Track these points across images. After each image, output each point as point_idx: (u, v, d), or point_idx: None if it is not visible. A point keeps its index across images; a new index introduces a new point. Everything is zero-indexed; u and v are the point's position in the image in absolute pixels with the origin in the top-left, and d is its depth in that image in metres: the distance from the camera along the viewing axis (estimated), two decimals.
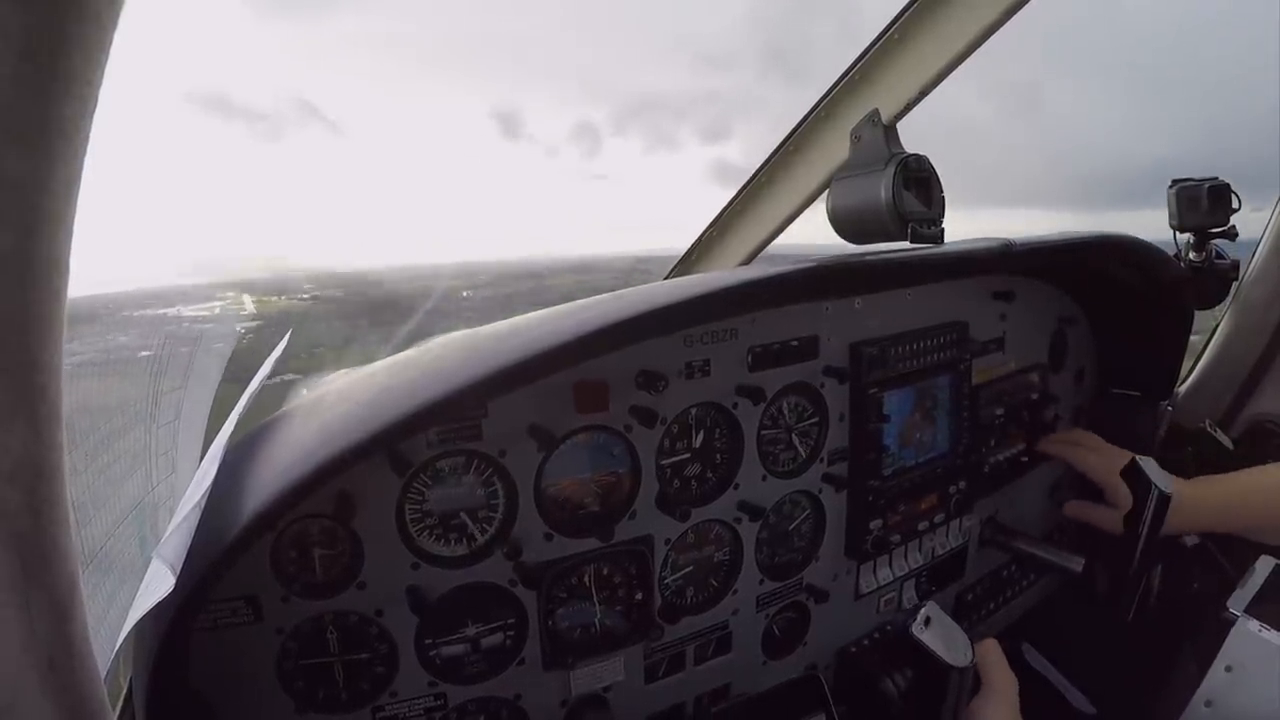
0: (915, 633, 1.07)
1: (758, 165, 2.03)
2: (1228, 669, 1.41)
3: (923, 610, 1.09)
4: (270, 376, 1.20)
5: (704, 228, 2.23)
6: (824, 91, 1.77)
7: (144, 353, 0.96)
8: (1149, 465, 1.57)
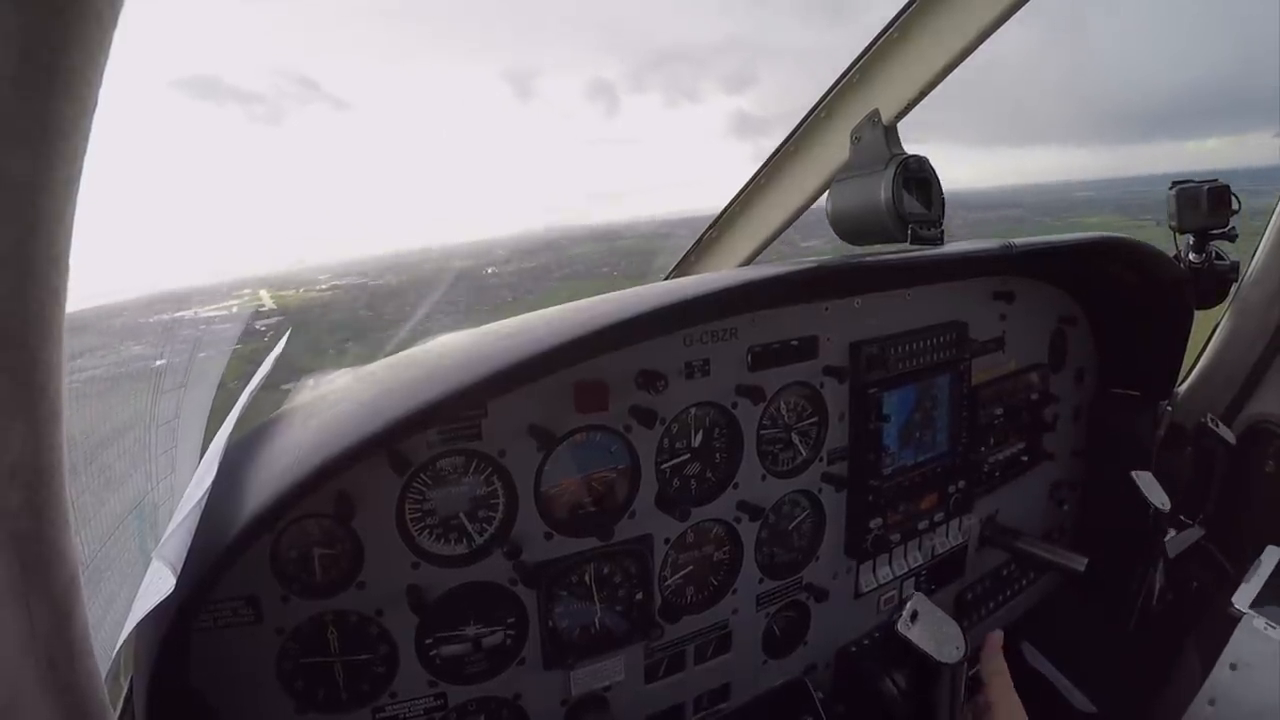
0: (901, 629, 1.01)
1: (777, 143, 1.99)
2: (1233, 667, 1.40)
3: (909, 604, 1.03)
4: (269, 375, 1.20)
5: (704, 228, 2.23)
6: (827, 89, 1.76)
7: (159, 361, 0.94)
8: (1144, 481, 1.56)
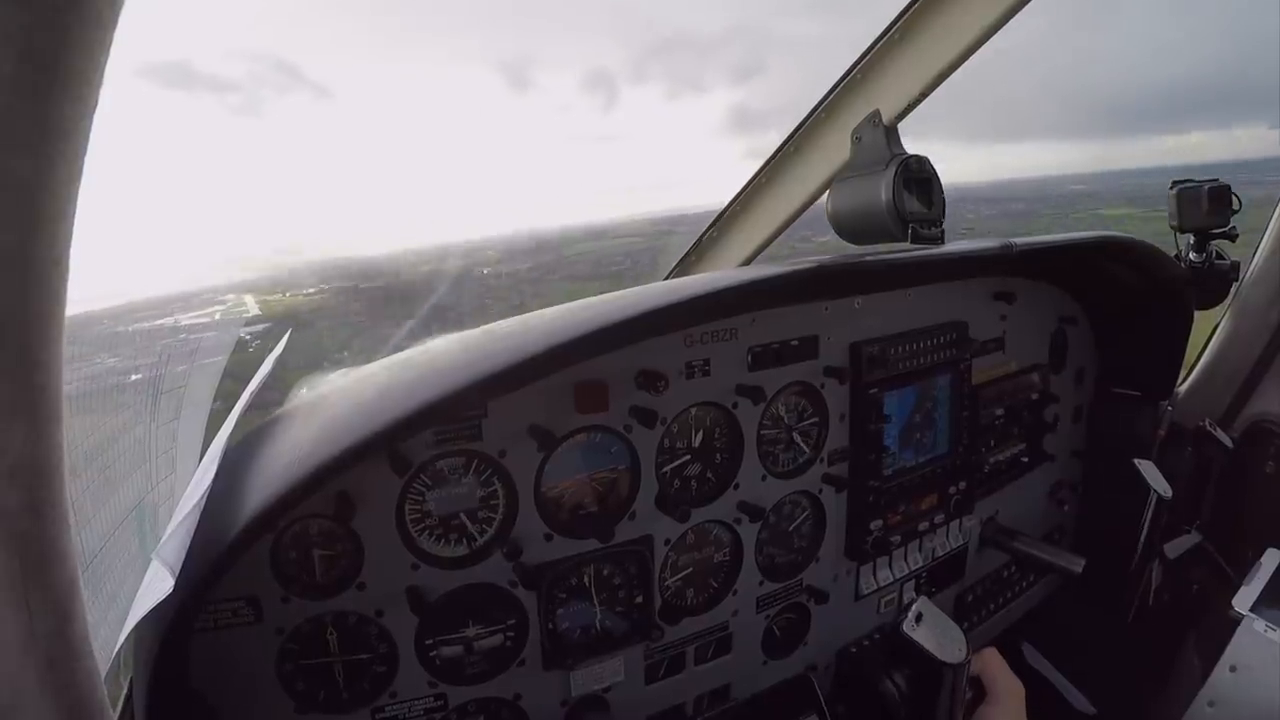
0: (906, 630, 1.05)
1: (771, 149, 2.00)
2: (1232, 669, 1.40)
3: (914, 606, 1.07)
4: (269, 375, 1.20)
5: (704, 228, 2.23)
6: (827, 90, 1.76)
7: (135, 376, 0.91)
8: (1147, 469, 1.57)
